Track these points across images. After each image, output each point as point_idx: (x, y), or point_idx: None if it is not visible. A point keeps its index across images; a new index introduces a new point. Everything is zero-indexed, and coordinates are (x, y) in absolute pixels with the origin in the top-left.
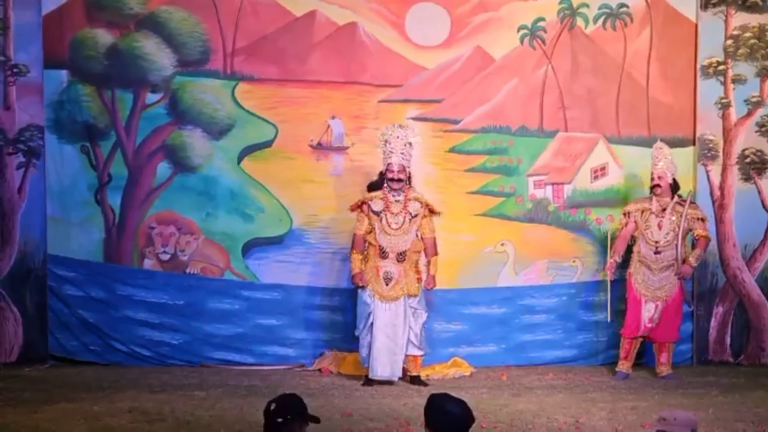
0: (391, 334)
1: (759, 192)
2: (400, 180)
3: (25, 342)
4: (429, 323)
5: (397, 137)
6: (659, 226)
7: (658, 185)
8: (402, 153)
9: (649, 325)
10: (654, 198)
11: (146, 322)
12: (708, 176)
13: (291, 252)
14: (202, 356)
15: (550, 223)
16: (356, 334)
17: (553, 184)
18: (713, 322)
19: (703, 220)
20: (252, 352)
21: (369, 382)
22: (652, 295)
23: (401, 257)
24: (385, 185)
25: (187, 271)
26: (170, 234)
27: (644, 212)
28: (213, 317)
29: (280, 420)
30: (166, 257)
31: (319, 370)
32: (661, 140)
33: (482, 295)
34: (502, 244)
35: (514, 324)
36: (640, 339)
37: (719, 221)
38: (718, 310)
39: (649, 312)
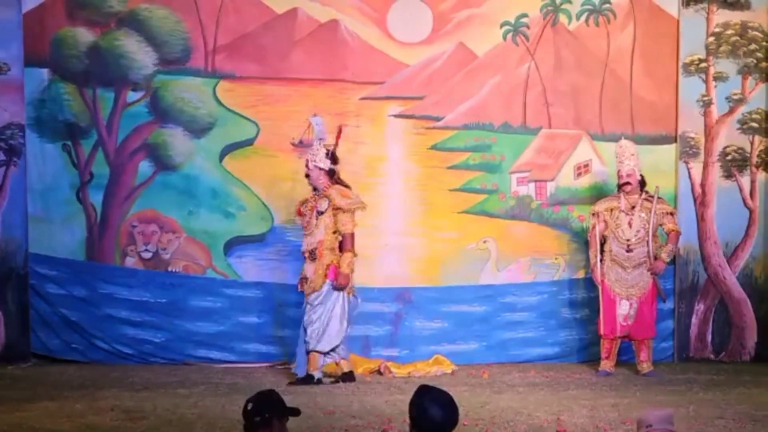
0: (301, 331)
1: (740, 189)
2: (307, 176)
3: (7, 341)
4: (410, 320)
5: (316, 134)
6: (629, 224)
7: (628, 183)
8: (314, 150)
9: (625, 324)
10: (622, 196)
11: (128, 320)
12: (689, 173)
13: (272, 250)
14: (184, 354)
15: (533, 220)
16: None
17: (536, 181)
18: (694, 320)
19: (672, 214)
20: (234, 350)
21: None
22: (626, 293)
23: (312, 256)
24: None
25: (169, 269)
26: (152, 232)
27: (613, 211)
28: (195, 315)
29: (258, 419)
30: (148, 255)
31: None
32: (644, 137)
33: (464, 293)
34: (485, 242)
35: (495, 322)
36: (620, 338)
37: (701, 219)
38: (700, 308)
39: (623, 310)
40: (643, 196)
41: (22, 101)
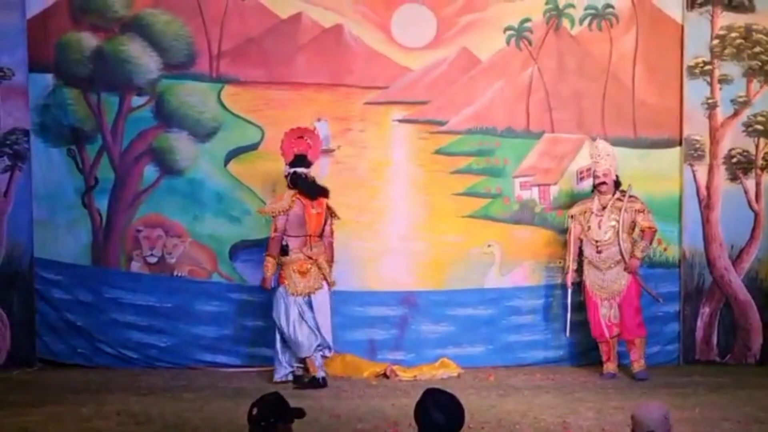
0: None
1: (745, 192)
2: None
3: (12, 345)
4: (415, 324)
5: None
6: (599, 225)
7: (604, 183)
8: None
9: (611, 323)
10: (596, 197)
11: (134, 324)
12: (694, 176)
13: None
14: (189, 358)
15: (537, 224)
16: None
17: (539, 185)
18: (700, 322)
19: (644, 212)
20: (240, 354)
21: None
22: (605, 294)
23: None
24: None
25: (175, 273)
26: (157, 237)
27: (586, 213)
28: (200, 319)
29: (263, 424)
30: (153, 260)
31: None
32: (647, 140)
33: (469, 297)
34: (489, 246)
35: (501, 325)
36: (616, 339)
37: (706, 221)
38: (705, 310)
39: (605, 311)
40: (616, 195)
41: (27, 106)
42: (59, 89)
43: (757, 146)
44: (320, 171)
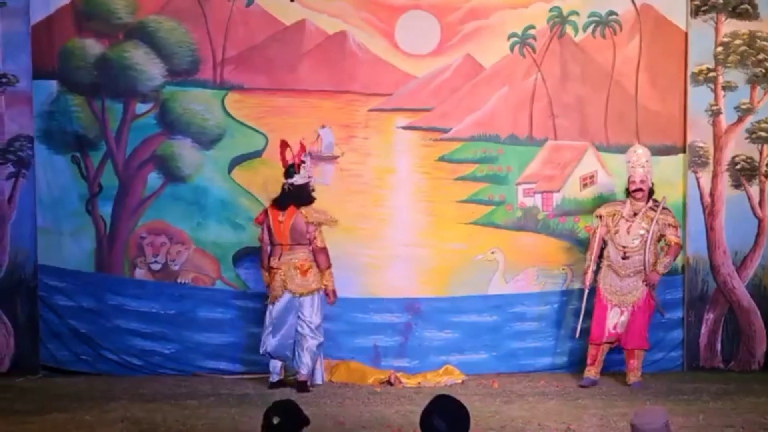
0: None
1: (749, 199)
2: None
3: (16, 352)
4: (419, 331)
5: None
6: (628, 231)
7: (640, 189)
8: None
9: (614, 331)
10: (629, 202)
11: (137, 331)
12: (698, 183)
13: None
14: (193, 365)
15: (540, 231)
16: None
17: (542, 192)
18: (704, 329)
19: (675, 227)
20: (243, 361)
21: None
22: (618, 300)
23: None
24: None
25: (178, 280)
26: (161, 244)
27: (615, 216)
28: (204, 326)
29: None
30: (157, 267)
31: None
32: (650, 148)
33: (473, 303)
34: (492, 252)
35: (505, 331)
36: (608, 345)
37: (710, 228)
38: (709, 317)
39: (613, 318)
40: (649, 204)
41: (31, 113)
42: (63, 96)
43: (761, 153)
44: (324, 178)
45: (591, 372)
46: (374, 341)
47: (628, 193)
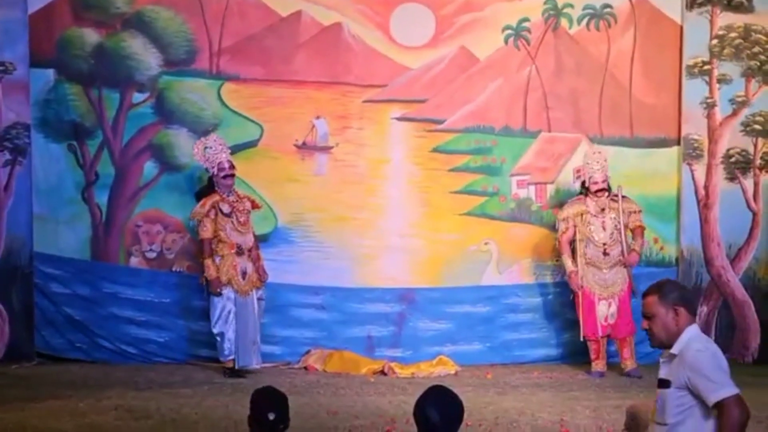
0: (250, 325)
1: (743, 192)
2: (233, 175)
3: (11, 340)
4: (413, 321)
5: (215, 140)
6: (603, 227)
7: (603, 189)
8: (225, 152)
9: (605, 324)
10: (589, 199)
11: (132, 319)
12: (693, 176)
13: (276, 250)
14: (187, 354)
15: (533, 222)
16: (215, 330)
17: (536, 183)
18: (698, 321)
19: (638, 212)
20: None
21: (237, 373)
22: (606, 292)
23: (251, 253)
24: (217, 188)
25: (173, 269)
26: (156, 232)
27: (583, 215)
28: (199, 315)
29: (282, 427)
30: (152, 255)
31: (305, 367)
32: (644, 140)
33: (466, 294)
34: (486, 243)
35: (498, 322)
36: (606, 338)
37: (704, 221)
38: (703, 310)
39: (603, 311)
40: (609, 196)
41: (28, 101)
42: (60, 84)
43: (755, 146)
44: (318, 169)
45: (599, 366)
46: (368, 331)
47: (586, 191)
